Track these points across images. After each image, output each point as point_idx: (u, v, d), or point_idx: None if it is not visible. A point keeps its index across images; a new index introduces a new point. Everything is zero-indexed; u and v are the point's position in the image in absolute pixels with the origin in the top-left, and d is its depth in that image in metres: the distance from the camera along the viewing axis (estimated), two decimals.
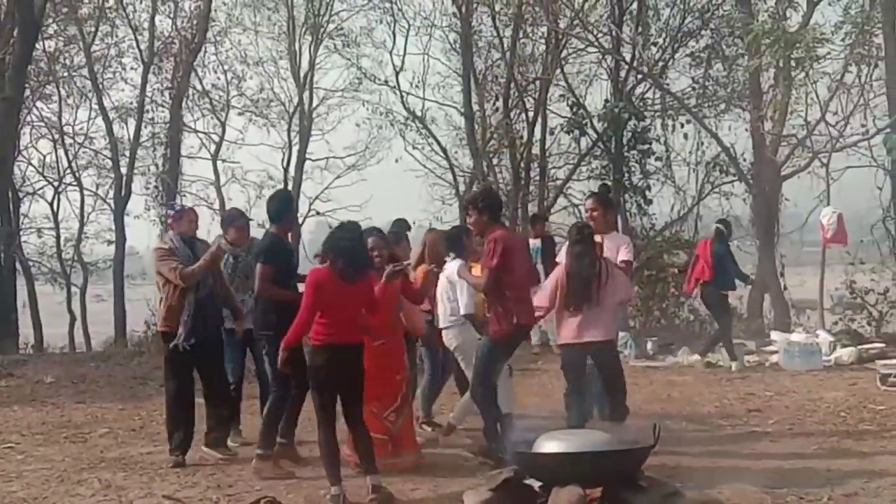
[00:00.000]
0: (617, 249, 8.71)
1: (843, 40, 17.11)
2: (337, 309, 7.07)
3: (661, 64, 20.52)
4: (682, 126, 20.30)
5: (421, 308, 9.15)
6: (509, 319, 7.88)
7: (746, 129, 19.51)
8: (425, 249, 9.60)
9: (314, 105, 25.03)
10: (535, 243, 13.67)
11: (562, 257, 8.56)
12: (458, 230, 9.29)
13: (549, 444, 6.67)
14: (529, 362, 10.90)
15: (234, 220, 9.42)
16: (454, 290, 8.81)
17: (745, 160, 19.77)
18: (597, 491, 6.29)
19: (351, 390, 7.22)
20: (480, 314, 8.52)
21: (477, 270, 8.68)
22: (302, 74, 24.38)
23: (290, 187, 24.00)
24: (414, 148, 23.42)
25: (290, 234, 8.98)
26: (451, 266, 8.84)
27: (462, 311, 8.68)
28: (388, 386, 8.00)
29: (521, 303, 7.96)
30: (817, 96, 17.34)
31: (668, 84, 20.56)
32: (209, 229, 10.05)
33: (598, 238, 8.40)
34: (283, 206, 8.75)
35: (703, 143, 20.60)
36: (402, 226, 10.58)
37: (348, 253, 7.07)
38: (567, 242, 8.50)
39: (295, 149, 24.62)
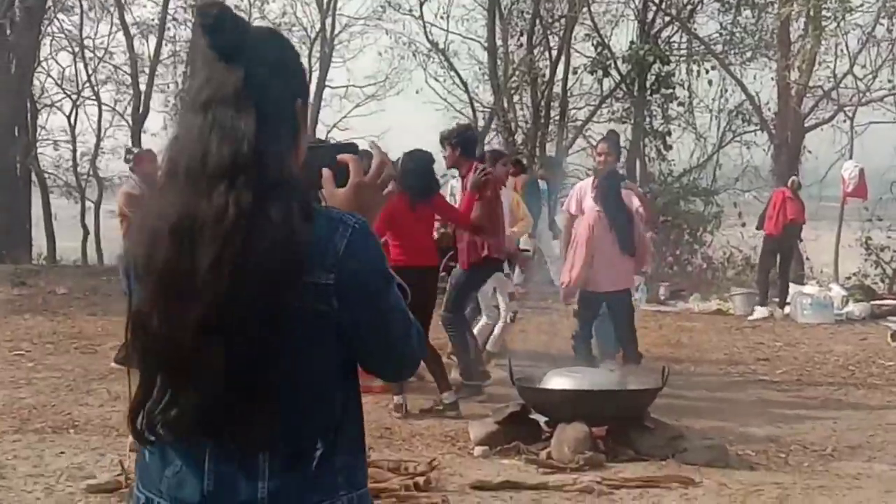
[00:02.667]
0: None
1: None
2: (403, 233, 7.42)
3: (689, 7, 20.26)
4: (707, 72, 20.08)
5: None
6: (479, 251, 8.01)
7: (772, 79, 19.34)
8: None
9: (336, 32, 24.83)
10: (543, 185, 13.61)
11: (587, 206, 8.50)
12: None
13: (557, 381, 6.70)
14: (539, 300, 10.86)
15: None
16: None
17: (768, 110, 19.60)
18: (602, 429, 6.32)
19: (419, 311, 7.33)
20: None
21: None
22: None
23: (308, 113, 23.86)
24: (435, 80, 23.28)
25: None
26: None
27: None
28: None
29: (493, 236, 8.09)
30: (847, 48, 17.16)
31: (695, 28, 20.33)
32: None
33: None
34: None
35: (726, 91, 20.44)
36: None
37: (410, 177, 7.36)
38: (595, 191, 8.42)
39: (315, 75, 24.44)
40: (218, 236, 1.78)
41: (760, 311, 13.41)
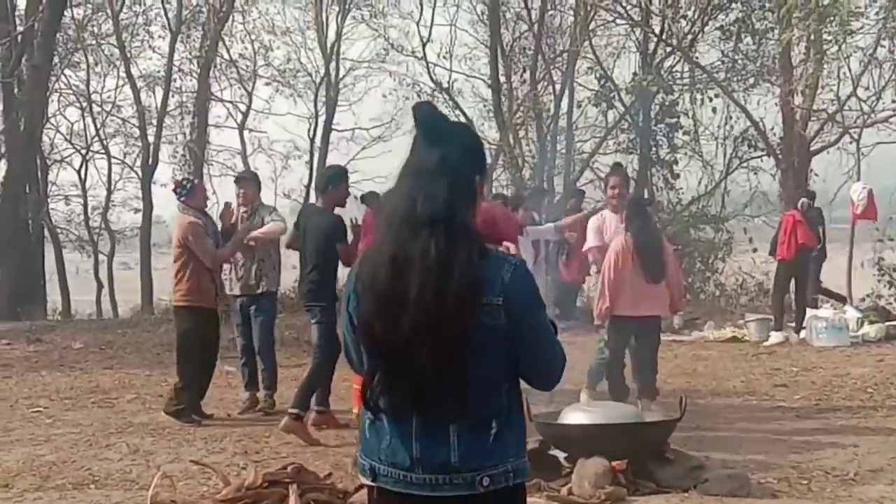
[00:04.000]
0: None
1: (876, 14, 16.92)
2: None
3: (690, 37, 20.34)
4: (711, 100, 20.14)
5: None
6: None
7: (776, 104, 19.35)
8: None
9: (341, 76, 25.01)
10: (535, 217, 13.63)
11: (611, 231, 8.56)
12: None
13: (575, 416, 6.70)
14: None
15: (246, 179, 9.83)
16: None
17: (774, 135, 19.59)
18: (622, 463, 6.30)
19: None
20: None
21: None
22: (329, 45, 24.34)
23: (315, 158, 24.03)
24: None
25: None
26: None
27: None
28: None
29: None
30: (849, 71, 17.20)
31: (697, 57, 20.39)
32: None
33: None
34: (337, 177, 8.97)
35: (731, 118, 20.46)
36: None
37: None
38: (626, 218, 8.48)
39: (321, 119, 24.60)
40: (423, 268, 2.59)
41: (776, 337, 13.39)
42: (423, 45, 23.00)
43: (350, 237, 8.64)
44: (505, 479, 2.66)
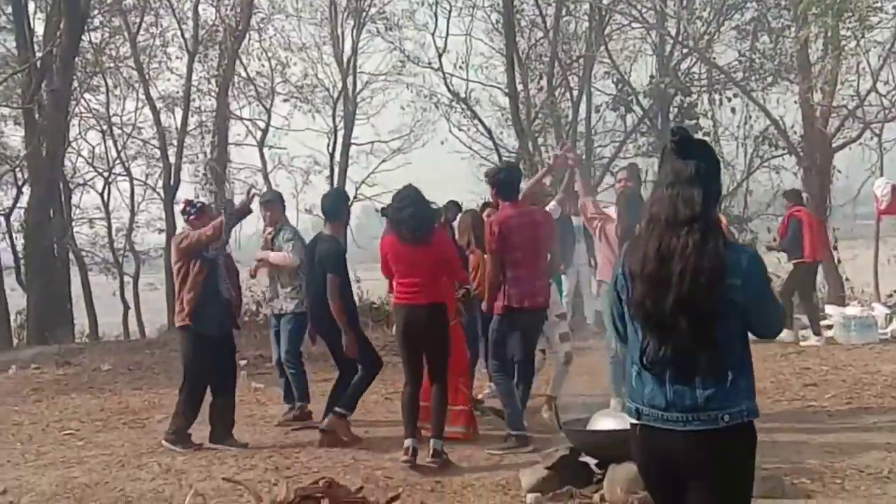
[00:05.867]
0: None
1: (894, 7, 16.83)
2: (404, 272, 7.51)
3: (706, 38, 20.29)
4: (730, 100, 20.13)
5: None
6: (501, 299, 7.95)
7: (795, 102, 19.25)
8: (468, 231, 9.78)
9: (358, 89, 25.05)
10: (577, 222, 13.63)
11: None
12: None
13: (605, 422, 6.67)
14: (580, 341, 10.80)
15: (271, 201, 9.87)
16: None
17: (794, 133, 19.52)
18: None
19: (428, 349, 7.53)
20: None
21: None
22: (345, 59, 24.40)
23: (335, 172, 24.10)
24: (459, 129, 23.45)
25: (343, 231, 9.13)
26: None
27: None
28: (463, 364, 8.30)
29: (515, 285, 7.92)
30: (869, 66, 17.10)
31: (714, 58, 20.34)
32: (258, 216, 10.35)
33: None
34: (340, 203, 9.04)
35: (751, 117, 20.44)
36: (454, 208, 10.68)
37: (401, 222, 7.45)
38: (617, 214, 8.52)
39: (340, 134, 24.66)
40: (682, 257, 3.37)
41: (807, 336, 13.26)
42: (439, 56, 23.08)
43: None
44: (740, 416, 3.41)
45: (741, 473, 3.50)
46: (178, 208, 9.25)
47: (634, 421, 3.56)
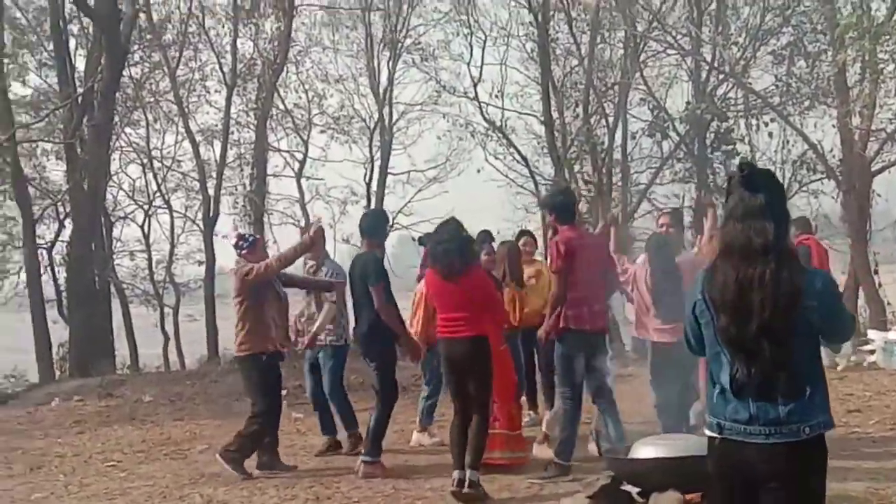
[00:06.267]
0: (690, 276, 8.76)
1: None
2: (442, 306, 7.58)
3: (742, 63, 20.25)
4: (767, 125, 20.02)
5: None
6: (561, 321, 7.86)
7: (833, 126, 19.11)
8: (505, 263, 9.83)
9: (394, 120, 25.23)
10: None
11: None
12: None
13: (646, 450, 6.63)
14: (620, 367, 10.76)
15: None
16: None
17: (833, 157, 19.37)
18: (697, 496, 6.22)
19: (470, 381, 7.53)
20: None
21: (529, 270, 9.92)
22: (381, 90, 24.59)
23: (372, 202, 24.21)
24: (495, 158, 23.52)
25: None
26: None
27: None
28: (508, 387, 8.24)
29: (576, 306, 7.85)
30: None
31: (750, 83, 20.28)
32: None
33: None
34: (379, 222, 9.11)
35: (788, 142, 20.30)
36: (485, 237, 10.64)
37: (436, 257, 7.53)
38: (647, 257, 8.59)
39: (377, 164, 24.81)
40: (761, 286, 3.59)
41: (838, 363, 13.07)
42: (475, 86, 23.21)
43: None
44: (819, 427, 3.68)
45: (819, 482, 3.76)
46: (230, 242, 9.29)
47: (715, 434, 3.78)
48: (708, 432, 3.83)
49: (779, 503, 3.68)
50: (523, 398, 9.74)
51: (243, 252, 8.78)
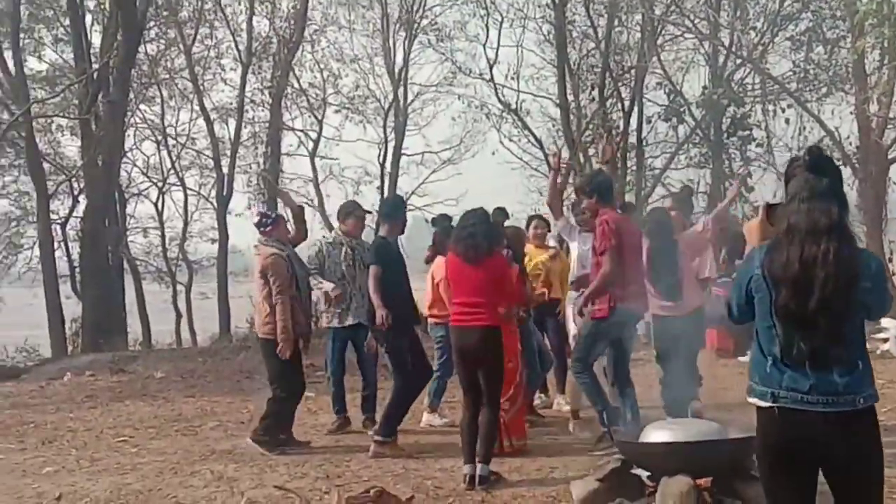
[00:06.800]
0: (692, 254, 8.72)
1: None
2: (461, 290, 7.46)
3: (760, 48, 20.13)
4: (784, 111, 19.91)
5: None
6: (607, 302, 7.78)
7: (851, 113, 19.05)
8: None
9: (409, 100, 25.24)
10: None
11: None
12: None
13: (658, 434, 6.61)
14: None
15: (351, 211, 9.71)
16: None
17: (850, 144, 19.29)
18: (707, 480, 6.21)
19: (481, 373, 7.46)
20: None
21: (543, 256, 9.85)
22: (396, 70, 24.59)
23: (386, 183, 24.20)
24: (510, 140, 23.48)
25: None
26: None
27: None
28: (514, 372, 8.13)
29: (622, 287, 7.79)
30: None
31: (767, 68, 20.16)
32: (311, 226, 10.48)
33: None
34: (397, 207, 9.07)
35: (805, 128, 20.24)
36: (501, 215, 10.58)
37: (460, 240, 7.46)
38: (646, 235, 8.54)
39: (391, 144, 24.82)
40: (824, 263, 3.75)
41: None
42: (490, 67, 23.15)
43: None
44: (871, 399, 3.86)
45: (877, 449, 3.95)
46: (253, 220, 9.27)
47: (769, 403, 3.90)
48: (759, 401, 3.94)
49: (838, 472, 3.89)
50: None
51: (267, 229, 8.77)
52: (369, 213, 10.04)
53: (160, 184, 25.79)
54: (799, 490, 3.98)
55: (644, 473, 6.55)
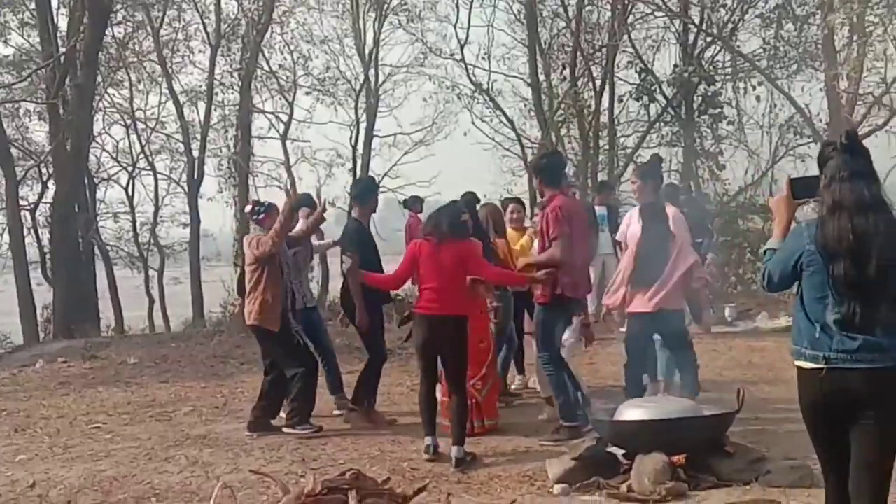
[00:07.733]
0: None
1: None
2: (429, 275, 7.46)
3: (730, 26, 20.17)
4: (754, 88, 19.97)
5: None
6: (552, 288, 7.74)
7: (821, 89, 19.11)
8: (489, 224, 9.61)
9: (380, 82, 25.10)
10: (601, 210, 13.62)
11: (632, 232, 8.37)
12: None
13: (632, 412, 6.65)
14: (606, 332, 10.73)
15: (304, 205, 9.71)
16: None
17: (820, 121, 19.35)
18: (681, 457, 6.25)
19: (446, 360, 7.54)
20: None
21: (524, 238, 9.72)
22: (367, 51, 24.42)
23: (358, 165, 24.12)
24: (482, 121, 23.44)
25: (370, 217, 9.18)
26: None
27: None
28: (473, 354, 8.01)
29: (569, 273, 7.74)
30: None
31: (738, 46, 20.21)
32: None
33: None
34: (369, 189, 9.24)
35: (776, 106, 20.28)
36: (471, 199, 10.52)
37: (430, 219, 7.65)
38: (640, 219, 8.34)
39: (363, 126, 24.70)
40: (874, 234, 4.11)
41: None
42: (461, 48, 23.09)
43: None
44: None
45: None
46: (245, 210, 9.27)
47: (821, 366, 4.21)
48: (810, 364, 4.25)
49: (880, 422, 4.18)
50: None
51: (260, 218, 8.74)
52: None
53: (130, 168, 25.62)
54: (839, 439, 4.32)
55: (619, 451, 6.60)
